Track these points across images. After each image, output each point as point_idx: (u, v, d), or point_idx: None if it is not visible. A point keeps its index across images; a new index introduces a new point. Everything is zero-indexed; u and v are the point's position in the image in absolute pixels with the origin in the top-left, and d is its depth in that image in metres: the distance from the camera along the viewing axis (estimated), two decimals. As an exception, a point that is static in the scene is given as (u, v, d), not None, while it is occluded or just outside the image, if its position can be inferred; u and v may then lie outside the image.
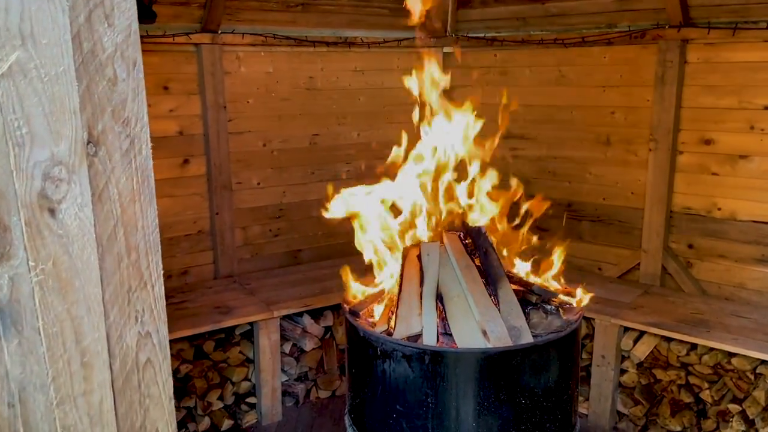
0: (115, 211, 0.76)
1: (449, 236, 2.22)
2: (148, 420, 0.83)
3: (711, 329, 3.33)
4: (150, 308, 0.83)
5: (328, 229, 4.70)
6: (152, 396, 0.84)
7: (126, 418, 0.79)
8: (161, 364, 0.85)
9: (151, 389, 0.84)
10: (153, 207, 0.82)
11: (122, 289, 0.78)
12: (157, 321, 0.84)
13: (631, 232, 4.23)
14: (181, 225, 4.05)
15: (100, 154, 0.73)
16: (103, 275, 0.75)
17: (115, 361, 0.76)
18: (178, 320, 3.45)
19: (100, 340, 0.75)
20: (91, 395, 0.74)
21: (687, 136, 3.89)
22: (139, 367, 0.82)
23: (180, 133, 3.95)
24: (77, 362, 0.72)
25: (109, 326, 0.76)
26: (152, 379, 0.84)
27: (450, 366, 1.90)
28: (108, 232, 0.75)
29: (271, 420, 3.70)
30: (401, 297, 2.11)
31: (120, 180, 0.76)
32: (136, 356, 0.82)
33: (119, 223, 0.76)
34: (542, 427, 2.02)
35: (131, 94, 0.75)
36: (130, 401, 0.81)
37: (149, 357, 0.83)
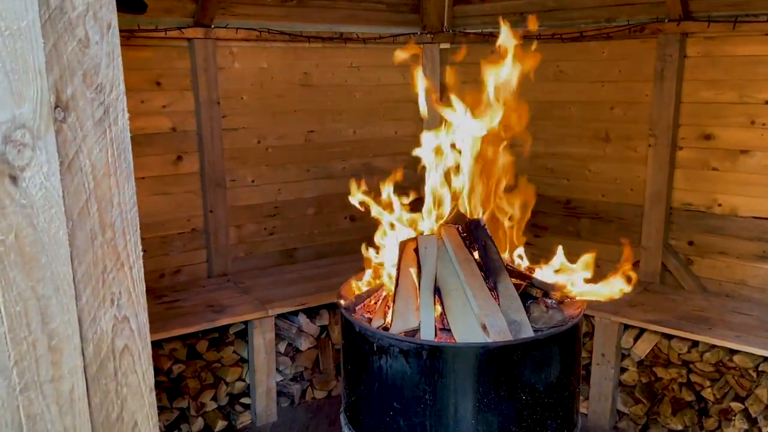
0: (88, 184, 0.70)
1: (447, 229, 2.17)
2: (125, 411, 0.77)
3: (712, 326, 3.29)
4: (128, 291, 0.77)
5: (324, 227, 4.64)
6: (130, 385, 0.78)
7: (101, 409, 0.73)
8: (140, 351, 0.80)
9: (129, 378, 0.78)
10: (131, 183, 0.76)
11: (96, 269, 0.72)
12: (136, 305, 0.78)
13: (630, 229, 4.18)
14: (175, 223, 3.98)
15: (70, 121, 0.67)
16: (74, 253, 0.69)
17: (88, 346, 0.71)
18: (170, 319, 3.39)
19: (71, 322, 0.69)
20: (61, 382, 0.68)
21: (687, 132, 3.85)
22: (115, 354, 0.76)
23: (173, 130, 3.88)
24: (44, 345, 0.66)
25: (81, 308, 0.70)
26: (130, 368, 0.78)
27: (448, 361, 1.85)
28: (79, 206, 0.69)
29: (265, 421, 3.64)
30: (398, 291, 2.05)
31: (93, 151, 0.70)
32: (112, 342, 0.76)
33: (92, 197, 0.71)
34: (543, 424, 1.96)
35: (105, 59, 0.69)
36: (106, 390, 0.75)
37: (127, 343, 0.77)
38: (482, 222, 2.16)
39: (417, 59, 2.72)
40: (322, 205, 4.60)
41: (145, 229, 3.39)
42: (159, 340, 3.35)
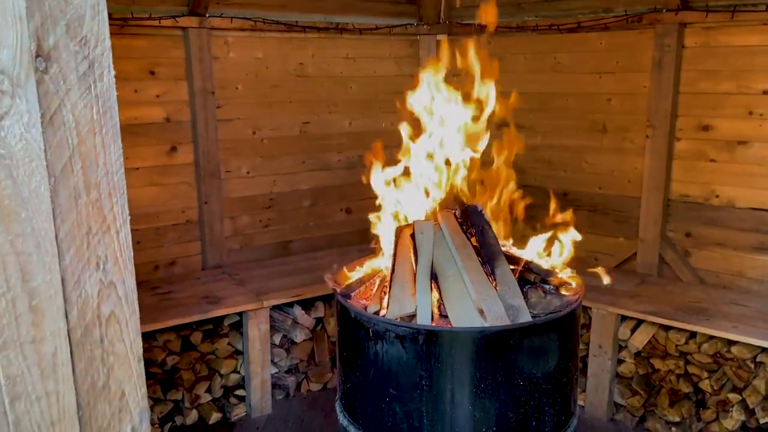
0: (71, 140, 0.67)
1: (444, 214, 2.14)
2: (112, 380, 0.74)
3: (710, 317, 3.27)
4: (114, 256, 0.74)
5: (320, 219, 4.61)
6: (117, 354, 0.75)
7: (86, 375, 0.71)
8: (128, 319, 0.77)
9: (116, 346, 0.75)
10: (117, 144, 0.73)
11: (80, 230, 0.69)
12: (123, 271, 0.75)
13: (627, 222, 4.17)
14: (169, 214, 3.94)
15: (52, 72, 0.64)
16: (57, 210, 0.66)
17: (72, 309, 0.68)
18: (164, 310, 3.36)
19: (53, 283, 0.66)
20: (42, 344, 0.65)
21: (684, 123, 3.83)
22: (101, 320, 0.73)
23: (167, 120, 3.84)
24: (24, 304, 0.63)
25: (64, 269, 0.67)
26: (117, 336, 0.75)
27: (445, 346, 1.82)
28: (62, 162, 0.66)
29: (260, 413, 3.61)
30: (394, 277, 2.02)
31: (76, 106, 0.67)
32: (98, 307, 0.73)
33: (76, 154, 0.68)
34: (541, 411, 1.94)
35: (90, 11, 0.66)
36: (91, 357, 0.72)
37: (113, 310, 0.74)
38: (479, 207, 2.14)
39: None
40: (317, 197, 4.57)
41: (140, 220, 3.37)
42: (153, 332, 3.32)
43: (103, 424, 0.73)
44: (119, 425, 0.76)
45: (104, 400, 0.73)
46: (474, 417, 1.86)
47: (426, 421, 1.86)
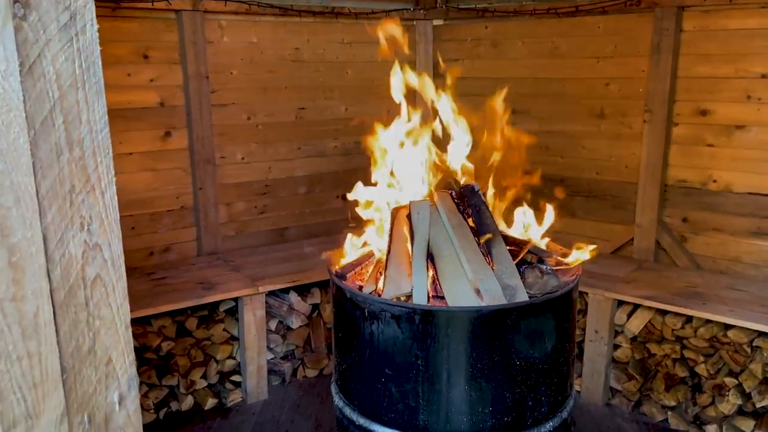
0: (52, 93, 0.64)
1: (440, 194, 2.12)
2: (98, 345, 0.72)
3: (707, 302, 3.26)
4: (100, 217, 0.72)
5: (316, 206, 4.59)
6: (104, 318, 0.73)
7: (70, 338, 0.68)
8: (114, 284, 0.74)
9: (102, 311, 0.73)
10: (101, 102, 0.70)
11: (63, 188, 0.67)
12: (110, 234, 0.73)
13: (624, 207, 4.15)
14: (163, 200, 3.91)
15: (30, 19, 0.61)
16: (38, 165, 0.64)
17: (54, 268, 0.65)
18: (158, 296, 3.33)
19: (34, 240, 0.64)
20: (23, 302, 0.63)
21: (682, 107, 3.81)
22: (86, 283, 0.71)
23: (161, 104, 3.80)
24: (3, 260, 0.61)
25: (45, 227, 0.65)
26: (103, 300, 0.73)
27: (441, 326, 1.80)
28: (43, 115, 0.64)
29: (256, 399, 3.60)
30: (390, 257, 2.00)
31: (57, 58, 0.65)
32: (83, 269, 0.70)
33: (57, 108, 0.65)
34: (537, 391, 1.93)
35: (71, -41, 0.64)
36: (75, 320, 0.70)
37: (99, 273, 0.72)
38: (476, 187, 2.11)
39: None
40: (313, 183, 4.54)
41: (134, 205, 3.33)
42: (147, 317, 3.30)
43: (89, 390, 0.71)
44: (106, 391, 0.74)
45: (90, 365, 0.71)
46: (470, 397, 1.84)
47: (422, 401, 1.85)
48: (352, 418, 2.04)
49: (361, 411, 2.01)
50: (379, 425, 1.94)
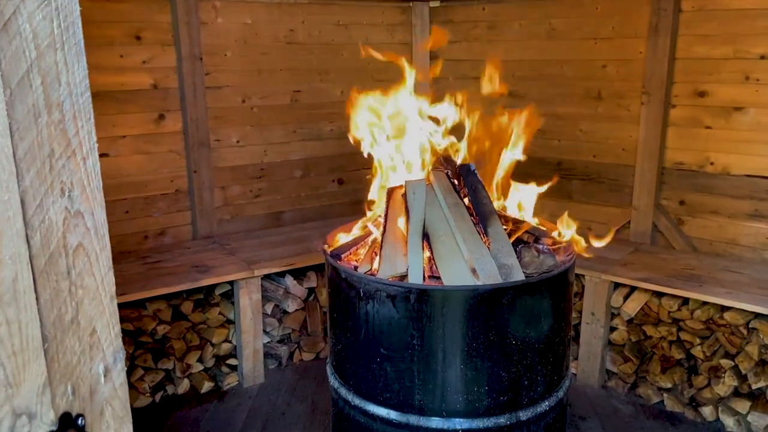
0: (29, 53, 0.62)
1: (436, 174, 2.09)
2: (82, 315, 0.70)
3: (703, 284, 3.26)
4: (81, 184, 0.69)
5: (312, 190, 4.56)
6: (87, 288, 0.71)
7: (51, 307, 0.66)
8: (98, 254, 0.72)
9: (85, 280, 0.71)
10: (81, 64, 0.68)
11: (41, 151, 0.64)
12: (92, 202, 0.71)
13: (621, 190, 4.14)
14: (158, 183, 3.88)
15: (4, -27, 0.59)
16: (14, 126, 0.61)
17: (34, 234, 0.63)
18: (153, 279, 3.32)
19: (12, 203, 0.61)
20: (1, 267, 0.61)
21: (680, 89, 3.78)
22: (67, 251, 0.69)
23: (154, 87, 3.76)
24: (-22, 222, 0.59)
25: (24, 190, 0.62)
26: (86, 269, 0.71)
27: (437, 305, 1.79)
28: (19, 75, 0.61)
29: (252, 382, 3.59)
30: (385, 237, 1.98)
31: (34, 16, 0.62)
32: (64, 237, 0.68)
33: (35, 68, 0.63)
34: (533, 371, 1.92)
35: None
36: (57, 289, 0.68)
37: (81, 242, 0.70)
38: (473, 167, 2.09)
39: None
40: (309, 167, 4.51)
41: (128, 189, 3.30)
42: (142, 300, 3.28)
43: (72, 360, 0.69)
44: (90, 363, 0.72)
45: (73, 335, 0.69)
46: (466, 376, 1.83)
47: (417, 380, 1.84)
48: (347, 399, 2.03)
49: (357, 391, 2.01)
50: (374, 405, 1.93)
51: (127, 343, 3.27)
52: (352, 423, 2.06)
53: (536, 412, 1.93)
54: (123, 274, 3.36)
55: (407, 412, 1.89)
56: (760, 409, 3.08)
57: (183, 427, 3.17)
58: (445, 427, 1.86)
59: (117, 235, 3.75)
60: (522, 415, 1.91)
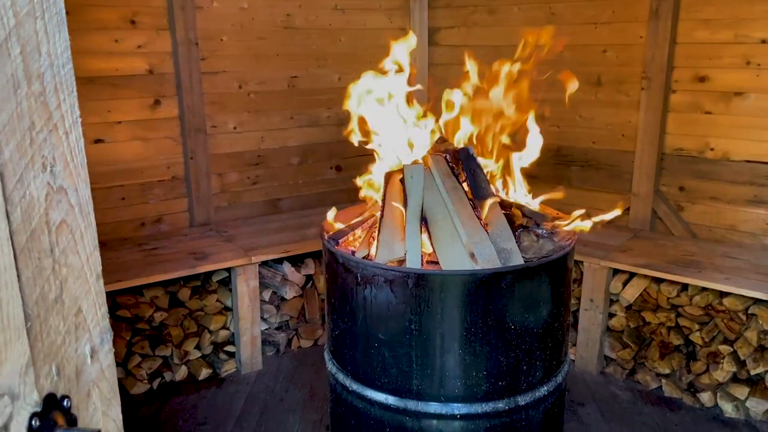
0: (6, 20, 0.59)
1: (435, 158, 2.07)
2: (66, 294, 0.68)
3: (703, 270, 3.25)
4: (64, 159, 0.67)
5: (309, 177, 4.53)
6: (72, 267, 0.69)
7: (33, 285, 0.64)
8: (83, 231, 0.70)
9: (69, 258, 0.68)
10: (63, 36, 0.65)
11: (21, 123, 0.62)
12: (76, 178, 0.68)
13: (621, 176, 4.11)
14: (154, 170, 3.85)
15: (-22, -65, 0.56)
16: (-10, 94, 0.59)
17: (14, 210, 0.61)
18: (150, 266, 3.30)
19: (-11, 176, 0.59)
20: (-22, 244, 0.59)
21: (681, 74, 3.75)
22: (50, 228, 0.67)
23: (150, 72, 3.72)
24: (-47, 195, 0.57)
25: (2, 164, 0.60)
26: (71, 247, 0.69)
27: (435, 290, 1.77)
28: (-5, 42, 0.59)
29: (250, 369, 3.59)
30: (383, 222, 1.96)
31: (12, -19, 0.59)
32: (46, 213, 0.66)
33: (13, 37, 0.60)
34: (532, 355, 1.91)
35: None
36: (39, 266, 0.65)
37: (65, 218, 0.68)
38: (471, 151, 2.07)
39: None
40: (306, 154, 4.48)
41: (124, 175, 3.28)
42: (139, 287, 3.27)
43: (57, 340, 0.67)
44: (76, 343, 0.70)
45: (57, 314, 0.67)
46: (464, 361, 1.82)
47: (415, 365, 1.83)
48: (345, 384, 2.02)
49: (355, 377, 1.99)
50: (372, 390, 1.92)
51: (124, 329, 3.26)
52: (350, 408, 2.05)
53: (535, 397, 1.92)
54: (119, 261, 3.34)
55: (405, 397, 1.88)
56: (758, 395, 3.07)
57: (181, 413, 3.17)
58: (444, 412, 1.84)
59: (113, 222, 3.73)
60: (521, 400, 1.90)
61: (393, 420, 1.92)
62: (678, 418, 3.15)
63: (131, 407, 3.19)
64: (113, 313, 3.24)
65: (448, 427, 1.88)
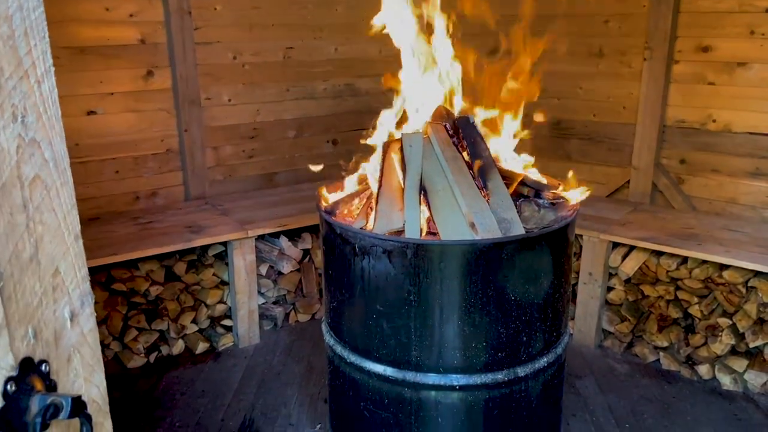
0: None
1: (434, 126, 2.02)
2: (42, 254, 0.64)
3: (703, 242, 3.22)
4: (37, 110, 0.62)
5: (306, 151, 4.47)
6: (47, 225, 0.65)
7: (6, 242, 0.60)
8: (59, 188, 0.66)
9: (44, 216, 0.64)
10: (35, -25, 0.60)
11: (-13, 67, 0.57)
12: (50, 131, 0.64)
13: (621, 150, 4.06)
14: (148, 143, 3.78)
15: None
16: (-49, 35, 0.54)
17: (-19, 161, 0.57)
18: (145, 239, 3.26)
19: (-48, 123, 0.54)
20: (-57, 197, 0.55)
21: (684, 44, 3.67)
22: (23, 182, 0.62)
23: (142, 42, 3.63)
24: None
25: (-33, 109, 0.55)
26: (46, 204, 0.64)
27: (434, 260, 1.73)
28: (-46, -23, 0.54)
29: (248, 343, 3.57)
30: (381, 192, 1.92)
31: None
32: (18, 167, 0.62)
33: (-25, -28, 0.55)
34: (532, 326, 1.88)
35: None
36: (12, 222, 0.61)
37: (38, 173, 0.63)
38: (471, 119, 2.01)
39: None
40: (303, 127, 4.41)
41: (118, 148, 3.21)
42: (134, 260, 3.23)
43: (33, 301, 0.64)
44: (54, 305, 0.66)
45: (32, 274, 0.64)
46: (463, 332, 1.79)
47: (414, 336, 1.80)
48: (343, 356, 2.00)
49: (353, 348, 1.97)
50: (370, 362, 1.90)
51: (120, 303, 3.23)
52: (348, 380, 2.03)
53: (534, 368, 1.90)
54: (114, 235, 3.30)
55: (404, 368, 1.85)
56: (757, 368, 3.07)
57: (178, 386, 3.16)
58: (442, 383, 1.82)
59: (107, 195, 3.68)
60: (520, 371, 1.88)
61: (391, 391, 1.90)
62: (675, 391, 3.15)
63: (128, 381, 3.18)
64: (108, 287, 3.21)
65: (447, 398, 1.86)
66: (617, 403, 3.04)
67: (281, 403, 3.02)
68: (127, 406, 2.97)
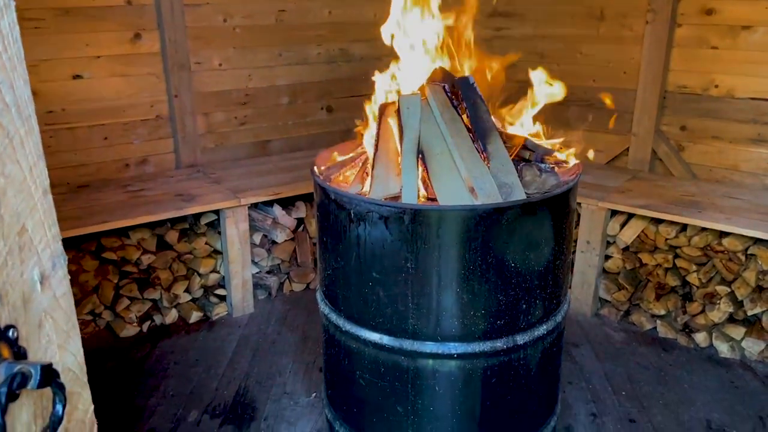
0: None
1: (432, 88, 1.94)
2: (5, 209, 0.58)
3: (703, 210, 3.17)
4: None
5: (299, 118, 4.37)
6: (11, 177, 0.58)
7: (-39, 196, 0.54)
8: (23, 137, 0.59)
9: (7, 167, 0.58)
10: None
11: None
12: (11, 73, 0.57)
13: (621, 116, 3.99)
14: (137, 109, 3.68)
15: None
16: None
17: (-73, 102, 0.50)
18: (136, 207, 3.18)
19: None
20: None
21: (687, 6, 3.57)
22: (-20, 129, 0.55)
23: (128, 2, 3.50)
24: None
25: None
26: (8, 154, 0.58)
27: (433, 226, 1.68)
28: None
29: (242, 312, 3.53)
30: (377, 156, 1.85)
31: None
32: (-26, 111, 0.55)
33: None
34: (532, 294, 1.84)
35: None
36: (-32, 174, 0.55)
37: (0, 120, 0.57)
38: (471, 80, 1.94)
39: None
40: (296, 93, 4.30)
41: (106, 114, 3.09)
42: (125, 228, 3.17)
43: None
44: (21, 266, 0.60)
45: (-5, 230, 0.57)
46: (462, 300, 1.75)
47: (411, 304, 1.76)
48: (338, 324, 1.96)
49: (348, 317, 1.92)
50: (366, 330, 1.86)
51: (111, 272, 3.18)
52: (343, 349, 1.99)
53: (534, 336, 1.87)
54: (104, 202, 3.22)
55: (400, 336, 1.81)
56: (755, 335, 3.06)
57: (172, 355, 3.12)
58: (440, 351, 1.78)
59: (96, 162, 3.59)
60: (519, 339, 1.84)
61: (388, 360, 1.86)
62: (672, 358, 3.14)
63: (121, 350, 3.14)
64: (99, 255, 3.15)
65: (444, 367, 1.83)
66: (614, 370, 3.03)
67: (276, 372, 3.00)
68: (120, 375, 2.94)
